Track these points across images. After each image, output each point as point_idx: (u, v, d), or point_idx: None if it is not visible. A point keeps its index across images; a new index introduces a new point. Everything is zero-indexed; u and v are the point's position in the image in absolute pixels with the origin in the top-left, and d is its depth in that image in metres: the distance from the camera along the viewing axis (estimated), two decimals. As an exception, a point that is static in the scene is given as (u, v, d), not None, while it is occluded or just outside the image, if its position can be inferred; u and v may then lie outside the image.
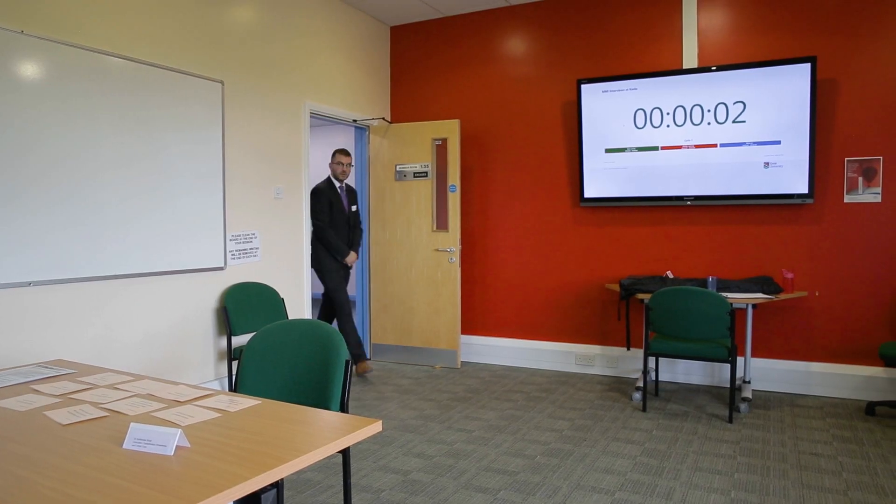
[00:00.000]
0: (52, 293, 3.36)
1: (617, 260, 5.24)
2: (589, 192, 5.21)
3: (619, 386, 4.90)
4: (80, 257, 3.46)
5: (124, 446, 1.44)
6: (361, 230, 5.46)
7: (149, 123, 3.81)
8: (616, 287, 4.87)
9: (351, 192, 5.35)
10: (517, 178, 5.61)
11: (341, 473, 3.17)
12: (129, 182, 3.70)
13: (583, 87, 5.15)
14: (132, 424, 1.47)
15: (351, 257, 5.23)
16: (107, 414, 1.71)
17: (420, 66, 6.04)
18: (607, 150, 5.12)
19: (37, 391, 1.96)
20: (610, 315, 5.26)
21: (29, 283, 3.24)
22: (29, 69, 3.23)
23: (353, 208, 5.30)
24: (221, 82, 4.30)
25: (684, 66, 4.91)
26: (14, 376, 2.16)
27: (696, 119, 4.79)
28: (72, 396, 1.89)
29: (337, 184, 5.22)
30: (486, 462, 3.35)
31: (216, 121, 4.26)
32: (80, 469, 1.33)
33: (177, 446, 1.40)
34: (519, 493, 2.96)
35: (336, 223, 5.17)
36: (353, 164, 5.36)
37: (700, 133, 4.79)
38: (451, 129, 5.52)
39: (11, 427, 1.61)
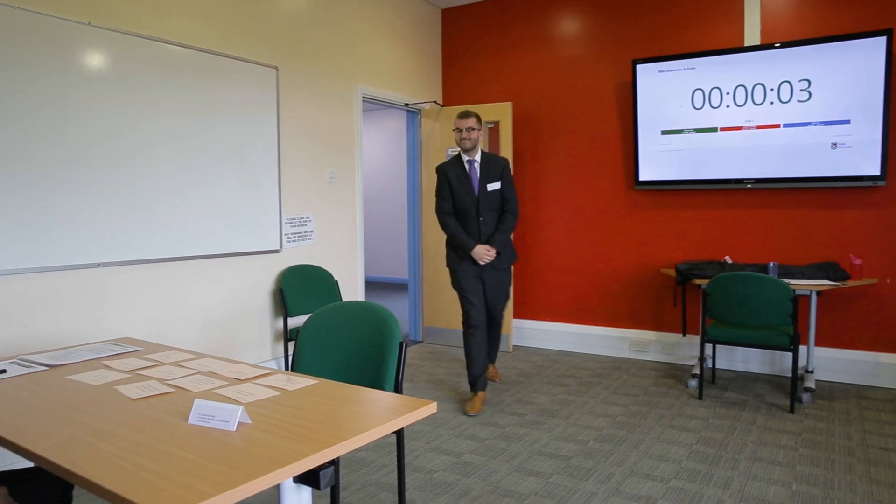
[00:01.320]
0: (119, 274, 3.50)
1: (672, 244, 5.12)
2: (644, 175, 5.09)
3: (674, 373, 4.81)
4: (144, 240, 3.59)
5: (189, 421, 1.49)
6: (511, 214, 4.08)
7: (207, 110, 3.90)
8: (672, 272, 4.76)
9: (490, 167, 4.08)
10: (570, 161, 5.53)
11: (395, 453, 3.22)
12: (188, 167, 3.81)
13: (638, 67, 5.02)
14: (196, 400, 1.52)
15: (478, 251, 3.97)
16: (172, 390, 1.77)
17: (472, 48, 5.99)
18: (663, 132, 4.99)
19: (108, 367, 2.05)
20: (665, 300, 5.16)
21: (98, 265, 3.38)
22: (95, 59, 3.34)
23: (492, 186, 4.03)
24: (276, 68, 4.37)
25: (746, 44, 4.72)
26: (87, 352, 2.26)
27: (758, 98, 4.61)
28: (139, 372, 1.97)
29: (465, 158, 4.08)
30: (538, 446, 3.35)
31: (271, 106, 4.34)
32: (148, 441, 1.38)
33: (239, 422, 1.44)
34: (571, 478, 2.95)
35: (460, 208, 4.07)
36: (478, 127, 4.01)
37: (762, 113, 4.61)
38: (503, 112, 5.47)
39: (86, 400, 1.69)
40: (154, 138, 3.62)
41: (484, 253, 3.97)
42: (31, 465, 1.45)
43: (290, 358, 4.05)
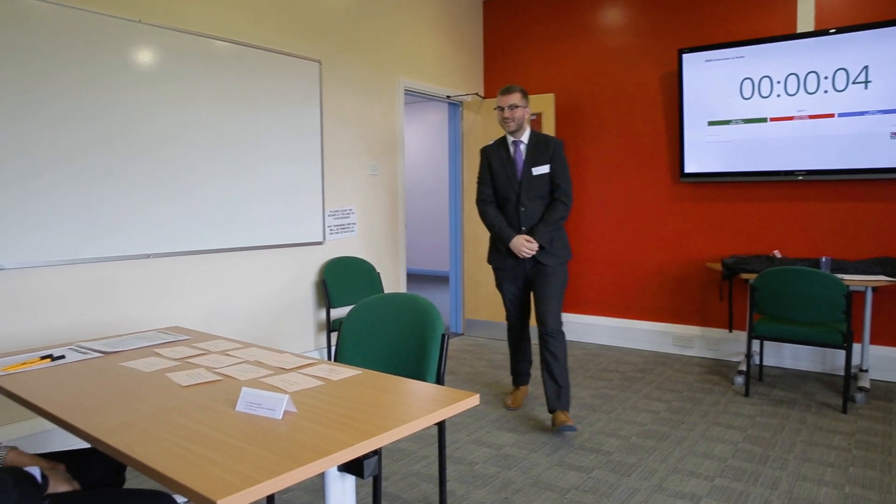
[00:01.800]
0: (168, 265, 3.59)
1: (719, 238, 5.00)
2: (690, 167, 4.98)
3: (719, 369, 4.70)
4: (191, 232, 3.68)
5: (237, 409, 1.52)
6: (560, 202, 3.54)
7: (251, 103, 3.97)
8: (718, 266, 4.65)
9: (538, 148, 3.58)
10: (613, 153, 5.45)
11: (435, 444, 3.24)
12: (233, 160, 3.89)
13: (684, 56, 4.90)
14: (244, 389, 1.55)
15: (516, 242, 3.51)
16: (220, 378, 1.81)
17: (513, 39, 5.95)
18: (710, 123, 4.87)
19: (158, 354, 2.12)
20: (710, 295, 5.05)
21: (148, 256, 3.48)
22: (145, 55, 3.43)
23: (539, 170, 3.54)
24: (319, 62, 4.41)
25: (798, 31, 4.56)
26: (138, 340, 2.34)
27: (811, 87, 4.45)
28: (189, 360, 2.03)
29: (510, 139, 3.65)
30: (579, 440, 3.32)
31: (314, 99, 4.38)
32: (198, 427, 1.42)
33: (284, 411, 1.47)
34: (613, 474, 2.92)
35: (501, 195, 3.66)
36: (523, 104, 3.55)
37: (815, 102, 4.45)
38: (545, 104, 5.42)
39: (139, 386, 1.75)
40: (201, 133, 3.70)
41: (523, 244, 3.49)
42: (87, 445, 1.50)
43: (333, 348, 4.10)
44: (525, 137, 3.63)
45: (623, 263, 5.46)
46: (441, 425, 2.28)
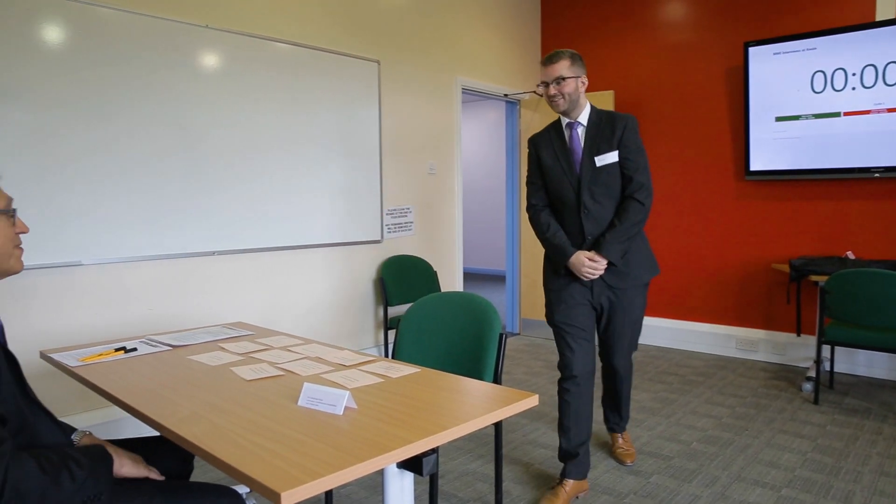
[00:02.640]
0: (231, 262, 3.70)
1: (785, 238, 4.81)
2: (756, 165, 4.81)
3: (785, 374, 4.53)
4: (254, 230, 3.78)
5: (299, 403, 1.55)
6: (636, 201, 2.62)
7: (311, 104, 4.05)
8: (785, 268, 4.48)
9: (602, 130, 2.67)
10: (674, 150, 5.31)
11: (491, 443, 3.23)
12: (294, 160, 3.97)
13: (751, 50, 4.73)
14: (305, 384, 1.58)
15: (576, 261, 2.63)
16: (283, 373, 1.86)
17: (572, 36, 5.87)
18: (778, 119, 4.68)
19: (223, 349, 2.18)
20: (777, 298, 4.86)
21: (213, 253, 3.60)
22: (210, 59, 3.55)
23: (604, 159, 2.64)
24: (378, 62, 4.46)
25: (878, 19, 4.34)
26: (204, 335, 2.42)
27: (891, 79, 4.23)
28: (252, 355, 2.08)
29: (564, 121, 2.73)
30: (637, 444, 3.26)
31: (373, 99, 4.44)
32: (262, 420, 1.46)
33: (345, 407, 1.49)
34: (673, 479, 2.84)
35: (555, 196, 2.77)
36: (573, 73, 2.61)
37: (895, 95, 4.23)
38: (605, 101, 5.33)
39: (206, 379, 1.80)
40: (262, 132, 3.80)
41: (585, 264, 2.60)
42: (155, 433, 1.56)
43: (391, 346, 4.15)
44: (584, 117, 2.70)
45: (684, 264, 5.32)
46: (498, 425, 2.28)
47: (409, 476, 1.46)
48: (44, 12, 2.93)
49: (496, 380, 2.14)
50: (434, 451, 1.39)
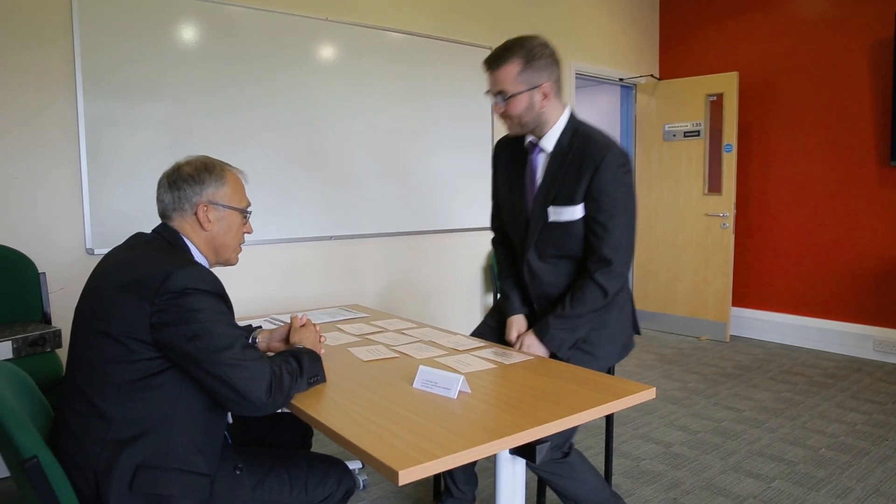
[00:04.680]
0: (346, 247, 3.85)
1: (938, 231, 4.35)
2: (903, 150, 4.38)
3: (932, 381, 4.12)
4: (368, 216, 3.91)
5: (414, 385, 1.59)
6: (594, 283, 1.87)
7: (423, 92, 4.11)
8: (936, 263, 4.06)
9: (568, 165, 1.89)
10: (806, 134, 4.92)
11: (601, 435, 3.17)
12: (408, 148, 4.05)
13: (902, 22, 4.30)
14: (421, 367, 1.62)
15: (509, 327, 2.10)
16: (397, 355, 1.91)
17: (692, 15, 5.57)
18: (933, 98, 4.23)
19: (341, 330, 2.27)
20: (924, 296, 4.41)
21: (330, 238, 3.75)
22: (329, 51, 3.68)
23: (560, 213, 1.91)
24: (490, 48, 4.44)
25: None
26: (323, 316, 2.53)
27: None
28: (368, 337, 2.15)
29: (527, 139, 2.03)
30: (758, 446, 3.08)
31: (485, 87, 4.42)
32: (379, 400, 1.51)
33: (459, 391, 1.51)
34: (798, 486, 2.67)
35: (508, 228, 2.20)
36: (520, 87, 1.91)
37: None
38: (727, 83, 5.03)
39: (326, 359, 1.88)
40: (377, 122, 3.90)
41: (513, 344, 2.04)
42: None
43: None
44: (550, 140, 1.94)
45: (813, 256, 4.94)
46: (609, 417, 2.24)
47: (521, 462, 1.46)
48: (180, 13, 3.15)
49: (609, 371, 2.09)
50: (547, 439, 1.38)
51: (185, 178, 1.55)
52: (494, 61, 1.92)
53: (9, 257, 2.66)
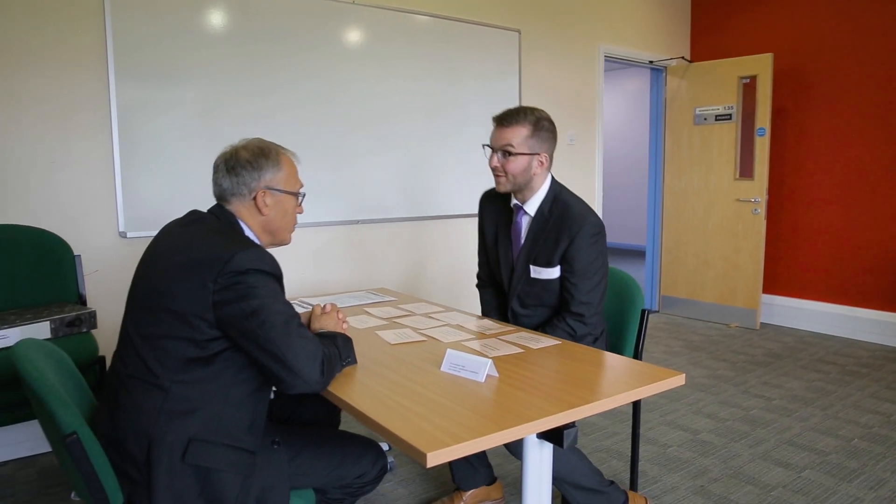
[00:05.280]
0: (374, 231, 3.86)
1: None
2: (946, 133, 4.24)
3: (971, 371, 4.02)
4: (394, 199, 3.91)
5: (441, 369, 1.60)
6: (563, 326, 2.08)
7: (450, 75, 4.08)
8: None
9: (547, 232, 2.12)
10: (844, 118, 4.79)
11: (627, 421, 3.16)
12: (435, 131, 4.04)
13: (947, 1, 4.14)
14: (448, 350, 1.63)
15: None
16: (425, 339, 1.92)
17: (728, -5, 5.44)
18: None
19: (368, 313, 2.29)
20: (964, 285, 4.29)
21: (356, 222, 3.77)
22: (355, 33, 3.67)
23: (541, 272, 2.13)
24: (518, 31, 4.40)
25: None
26: (350, 299, 2.55)
27: None
28: (395, 320, 2.17)
29: (513, 200, 2.24)
30: (788, 435, 3.04)
31: (513, 69, 4.39)
32: (407, 383, 1.52)
33: (487, 375, 1.52)
34: (830, 477, 2.63)
35: (498, 273, 2.34)
36: (524, 148, 2.11)
37: None
38: (761, 65, 4.91)
39: (354, 341, 1.90)
40: (403, 106, 3.89)
41: None
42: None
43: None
44: (533, 205, 2.16)
45: (848, 243, 4.82)
46: (637, 403, 2.22)
47: (548, 447, 1.46)
48: (212, -4, 3.17)
49: (636, 357, 2.08)
50: (574, 424, 1.37)
51: (244, 164, 1.58)
52: (506, 119, 2.10)
53: (46, 241, 2.72)
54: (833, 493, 2.49)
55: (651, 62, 5.41)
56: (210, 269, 1.35)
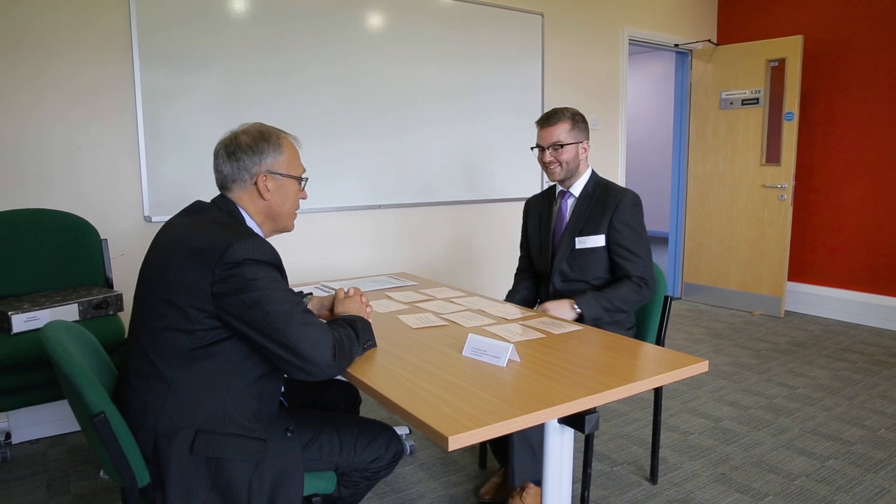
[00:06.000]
0: (395, 215, 3.87)
1: None
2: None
3: None
4: (415, 184, 3.91)
5: (463, 353, 1.60)
6: (632, 283, 2.27)
7: (472, 58, 4.05)
8: None
9: (593, 206, 2.38)
10: (877, 102, 4.67)
11: (648, 408, 3.14)
12: (457, 116, 4.02)
13: None
14: (470, 335, 1.63)
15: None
16: (446, 323, 1.92)
17: (757, -24, 5.31)
18: None
19: (390, 298, 2.30)
20: None
21: (379, 206, 3.77)
22: (378, 17, 3.65)
23: (586, 241, 2.35)
24: (541, 14, 4.35)
25: None
26: (372, 283, 2.56)
27: None
28: (417, 305, 2.17)
29: (558, 189, 2.50)
30: (812, 424, 3.01)
31: (536, 52, 4.35)
32: (428, 367, 1.52)
33: (508, 360, 1.51)
34: (855, 467, 2.60)
35: (537, 267, 2.58)
36: (574, 139, 2.35)
37: None
38: (791, 48, 4.80)
39: (376, 325, 1.91)
40: (424, 90, 3.87)
41: (547, 309, 2.20)
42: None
43: (545, 304, 4.14)
44: (577, 187, 2.43)
45: (878, 231, 4.72)
46: (658, 389, 2.21)
47: (569, 432, 1.46)
48: (235, -20, 3.17)
49: (659, 343, 2.06)
50: (595, 409, 1.37)
51: (244, 149, 1.57)
52: (550, 119, 2.38)
53: (75, 224, 2.77)
54: (858, 483, 2.46)
55: (676, 45, 5.32)
56: (208, 260, 1.35)
